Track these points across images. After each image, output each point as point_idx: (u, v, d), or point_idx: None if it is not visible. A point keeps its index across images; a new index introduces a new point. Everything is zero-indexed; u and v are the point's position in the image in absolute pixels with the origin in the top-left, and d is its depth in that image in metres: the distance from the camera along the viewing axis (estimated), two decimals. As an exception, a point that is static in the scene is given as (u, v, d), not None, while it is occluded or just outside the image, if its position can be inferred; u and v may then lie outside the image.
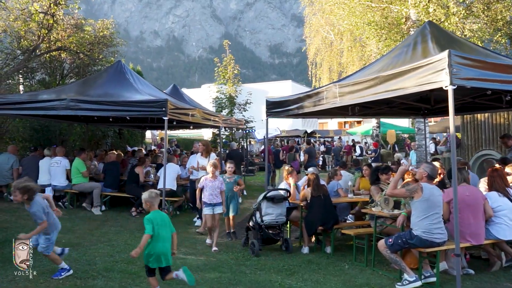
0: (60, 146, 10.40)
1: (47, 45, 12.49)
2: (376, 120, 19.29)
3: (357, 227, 6.85)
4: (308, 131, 29.08)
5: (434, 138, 19.42)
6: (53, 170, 9.38)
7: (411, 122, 37.43)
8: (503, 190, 5.45)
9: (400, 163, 10.12)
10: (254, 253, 6.13)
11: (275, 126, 22.23)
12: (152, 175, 9.82)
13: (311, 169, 7.16)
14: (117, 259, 5.71)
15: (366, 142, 27.41)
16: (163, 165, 8.36)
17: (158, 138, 22.91)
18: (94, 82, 9.49)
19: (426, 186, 4.73)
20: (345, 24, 13.77)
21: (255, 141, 27.10)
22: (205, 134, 25.31)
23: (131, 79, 9.33)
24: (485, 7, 10.81)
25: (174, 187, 8.94)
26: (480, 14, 10.91)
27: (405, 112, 9.94)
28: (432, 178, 4.94)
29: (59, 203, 9.47)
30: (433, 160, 8.08)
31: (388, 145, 22.77)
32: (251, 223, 6.56)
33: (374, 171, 6.51)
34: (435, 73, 4.51)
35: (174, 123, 8.82)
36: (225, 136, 18.99)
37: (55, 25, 12.01)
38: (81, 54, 13.05)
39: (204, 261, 5.79)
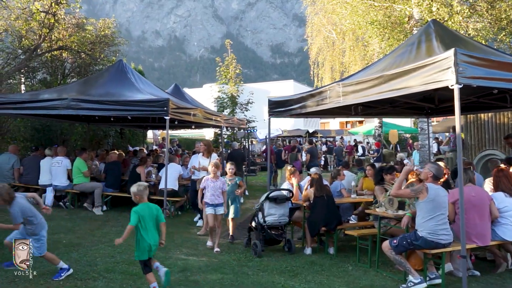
0: (61, 146, 10.35)
1: (48, 45, 12.46)
2: (379, 120, 19.18)
3: (360, 228, 6.79)
4: (310, 131, 29.01)
5: (437, 138, 19.32)
6: (54, 170, 9.33)
7: (413, 122, 37.37)
8: (509, 191, 5.38)
9: (403, 163, 10.07)
10: (257, 254, 6.07)
11: (277, 126, 22.17)
12: (154, 175, 9.77)
13: (314, 169, 7.09)
14: (118, 260, 5.65)
15: (368, 142, 27.32)
16: (165, 165, 8.30)
17: (160, 138, 22.87)
18: (96, 82, 9.46)
19: (432, 187, 4.66)
20: (348, 23, 13.70)
21: (257, 141, 27.05)
22: (207, 134, 25.26)
23: (133, 79, 9.29)
24: (489, 6, 10.72)
25: (176, 187, 8.88)
26: (484, 13, 10.82)
27: (408, 112, 9.86)
28: (438, 179, 4.87)
29: (60, 203, 9.44)
30: (437, 160, 8.01)
31: (390, 145, 22.69)
32: (254, 224, 6.50)
33: (379, 171, 6.44)
34: (441, 72, 4.44)
35: (176, 123, 8.78)
36: (227, 136, 18.93)
37: (56, 24, 11.97)
38: (83, 54, 13.01)
39: (206, 262, 5.73)
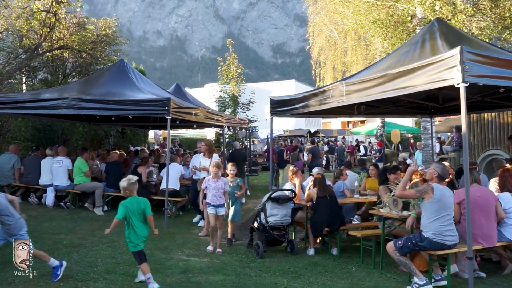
0: (62, 146, 10.31)
1: (49, 44, 12.41)
2: (381, 120, 19.11)
3: (364, 229, 6.72)
4: (312, 131, 28.92)
5: (439, 138, 19.24)
6: (55, 170, 9.28)
7: (415, 122, 37.26)
8: (516, 191, 5.30)
9: (406, 163, 10.00)
10: (259, 255, 6.00)
11: (278, 126, 22.10)
12: (155, 175, 9.71)
13: (317, 169, 7.02)
14: (119, 261, 5.59)
15: (370, 142, 27.24)
16: (166, 165, 8.24)
17: (161, 138, 22.84)
18: (97, 81, 9.41)
19: (437, 187, 4.58)
20: (350, 23, 13.61)
21: (258, 141, 26.99)
22: (208, 134, 25.20)
23: (134, 78, 9.24)
24: (493, 5, 10.63)
25: (177, 187, 8.82)
26: (488, 12, 10.73)
27: (412, 111, 9.80)
28: (443, 179, 4.80)
29: (61, 203, 9.39)
30: (441, 160, 7.94)
31: (392, 145, 22.62)
32: (256, 224, 6.43)
33: (383, 171, 6.37)
34: (446, 70, 4.37)
35: (177, 123, 8.72)
36: (228, 136, 18.87)
37: (57, 24, 11.92)
38: (83, 53, 12.97)
39: (208, 263, 5.67)
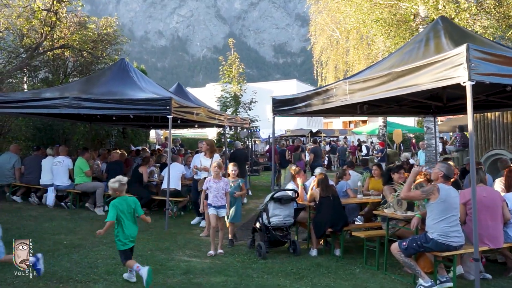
0: (63, 145, 10.26)
1: (50, 43, 12.36)
2: (383, 120, 19.02)
3: (367, 229, 6.65)
4: (313, 131, 28.84)
5: (442, 138, 19.13)
6: (56, 170, 9.22)
7: (417, 122, 37.13)
8: (522, 191, 5.22)
9: (409, 163, 9.93)
10: (261, 256, 5.93)
11: (280, 126, 22.02)
12: (156, 175, 9.65)
13: (319, 169, 6.94)
14: (120, 262, 5.43)
15: (372, 142, 27.14)
16: (167, 165, 8.17)
17: (163, 138, 22.79)
18: (98, 80, 9.36)
19: (443, 187, 4.50)
20: (352, 22, 13.52)
21: (260, 141, 26.92)
22: (210, 134, 25.13)
23: (135, 77, 9.18)
24: (497, 3, 10.54)
25: (179, 187, 8.75)
26: (492, 10, 10.64)
27: (415, 111, 9.71)
28: (449, 178, 4.71)
29: (62, 203, 9.33)
30: (445, 160, 7.86)
31: (394, 145, 22.51)
32: (258, 225, 6.36)
33: (387, 171, 6.29)
34: (452, 68, 4.29)
35: (179, 122, 8.64)
36: (230, 136, 18.80)
37: (58, 23, 11.87)
38: (84, 52, 12.91)
39: (209, 264, 5.60)
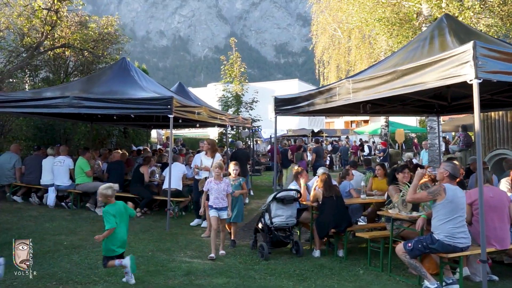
0: (64, 145, 10.20)
1: (51, 42, 12.30)
2: (385, 119, 18.91)
3: (370, 230, 6.57)
4: (315, 130, 28.75)
5: (444, 137, 19.01)
6: (56, 170, 9.17)
7: (419, 121, 37.02)
8: (529, 191, 5.13)
9: (413, 162, 9.83)
10: (263, 257, 5.85)
11: (281, 126, 21.92)
12: (157, 175, 9.58)
13: (322, 169, 6.86)
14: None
15: (374, 142, 27.05)
16: (169, 165, 8.10)
17: (164, 138, 22.72)
18: (98, 79, 9.29)
19: (449, 187, 4.41)
20: (355, 21, 13.43)
21: (261, 141, 26.84)
22: (211, 134, 25.07)
23: (136, 76, 9.11)
24: (501, 1, 10.42)
25: (180, 187, 8.68)
26: (496, 9, 10.53)
27: (418, 110, 9.62)
28: (455, 178, 4.61)
29: (63, 204, 9.27)
30: (450, 159, 7.76)
31: (396, 144, 22.42)
32: (260, 225, 6.28)
33: (392, 171, 6.21)
34: (459, 66, 4.21)
35: (180, 121, 8.57)
36: (231, 136, 18.73)
37: (59, 22, 11.81)
38: (85, 52, 12.85)
39: (211, 265, 5.52)
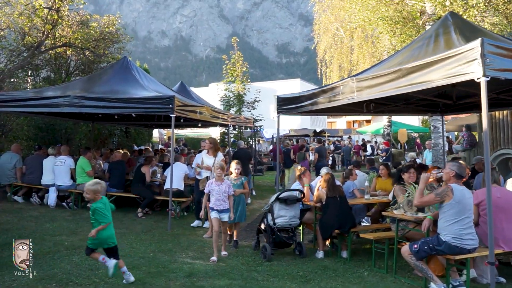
0: (65, 145, 10.14)
1: (52, 42, 12.24)
2: (388, 119, 18.80)
3: (374, 230, 6.49)
4: (317, 130, 28.64)
5: (448, 137, 18.91)
6: (57, 170, 9.11)
7: (421, 121, 36.88)
8: (537, 192, 5.03)
9: (416, 162, 9.73)
10: (266, 258, 5.78)
11: (283, 126, 21.79)
12: (159, 175, 9.51)
13: (325, 170, 6.78)
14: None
15: (376, 142, 26.93)
16: (170, 165, 8.03)
17: (166, 137, 22.66)
18: (99, 79, 9.23)
19: (456, 188, 4.32)
20: (357, 20, 13.35)
21: (263, 140, 26.74)
22: (213, 133, 25.00)
23: (137, 76, 9.05)
24: (506, 0, 10.33)
25: (181, 187, 8.61)
26: (501, 7, 10.43)
27: (422, 110, 9.52)
28: (461, 177, 4.51)
29: (64, 204, 9.21)
30: (455, 159, 7.68)
31: (399, 144, 22.32)
32: (263, 226, 6.20)
33: (398, 172, 6.12)
34: (466, 64, 4.13)
35: (182, 121, 8.50)
36: (233, 135, 18.66)
37: (60, 21, 11.74)
38: (86, 51, 12.79)
39: (213, 267, 5.44)
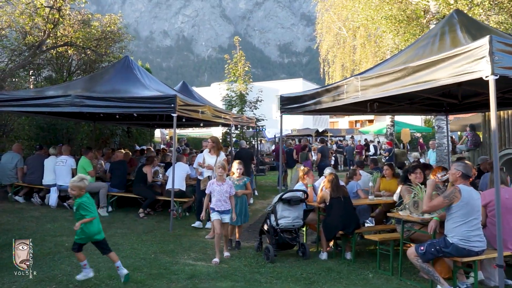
0: (66, 145, 10.09)
1: (53, 41, 12.19)
2: (390, 119, 18.71)
3: (379, 232, 6.40)
4: (320, 130, 28.54)
5: (451, 137, 18.79)
6: (59, 169, 9.05)
7: (424, 121, 36.76)
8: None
9: (420, 162, 9.64)
10: (269, 259, 5.70)
11: (286, 126, 21.72)
12: (161, 175, 9.43)
13: (329, 170, 6.70)
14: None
15: (379, 141, 26.81)
16: (172, 165, 7.95)
17: (168, 137, 22.63)
18: (101, 78, 9.17)
19: (464, 189, 4.23)
20: (360, 19, 13.25)
21: (266, 140, 26.67)
22: (215, 133, 24.95)
23: (139, 75, 8.98)
24: (511, -2, 10.23)
25: (183, 187, 8.54)
26: (506, 5, 10.32)
27: (426, 109, 9.42)
28: (468, 177, 4.42)
29: (65, 204, 9.15)
30: (459, 159, 7.58)
31: (401, 144, 22.21)
32: (266, 227, 6.12)
33: (404, 172, 6.04)
34: (474, 62, 4.03)
35: (184, 121, 8.43)
36: (236, 135, 18.59)
37: (61, 20, 11.68)
38: (88, 50, 12.73)
39: (216, 268, 5.36)
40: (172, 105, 7.27)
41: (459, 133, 22.92)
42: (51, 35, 11.86)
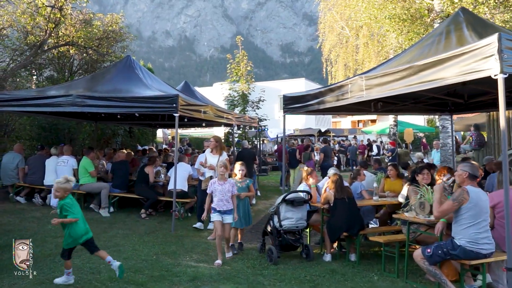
0: (68, 145, 10.03)
1: (55, 41, 12.15)
2: (394, 119, 18.60)
3: (383, 233, 6.31)
4: (322, 130, 28.45)
5: (455, 137, 18.67)
6: (60, 170, 8.98)
7: (427, 121, 36.62)
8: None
9: (424, 162, 9.55)
10: (272, 261, 5.62)
11: (288, 126, 21.62)
12: (163, 175, 9.38)
13: (333, 170, 6.61)
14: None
15: (382, 141, 26.70)
16: (174, 165, 7.88)
17: (170, 137, 22.58)
18: (102, 78, 9.11)
19: (472, 190, 4.14)
20: (363, 18, 13.16)
21: (268, 140, 26.58)
22: (218, 133, 24.89)
23: (141, 74, 8.91)
24: (517, -4, 10.13)
25: (185, 188, 8.47)
26: None
27: (431, 109, 9.32)
28: (475, 178, 4.32)
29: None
30: (465, 159, 7.48)
31: (404, 144, 22.10)
32: (269, 228, 6.04)
33: (412, 173, 5.95)
34: (482, 60, 3.94)
35: (186, 121, 8.34)
36: (238, 135, 18.52)
37: (63, 20, 11.64)
38: (89, 50, 12.69)
39: (218, 270, 5.29)
40: (174, 105, 7.20)
41: (463, 133, 22.81)
42: (53, 35, 11.82)
